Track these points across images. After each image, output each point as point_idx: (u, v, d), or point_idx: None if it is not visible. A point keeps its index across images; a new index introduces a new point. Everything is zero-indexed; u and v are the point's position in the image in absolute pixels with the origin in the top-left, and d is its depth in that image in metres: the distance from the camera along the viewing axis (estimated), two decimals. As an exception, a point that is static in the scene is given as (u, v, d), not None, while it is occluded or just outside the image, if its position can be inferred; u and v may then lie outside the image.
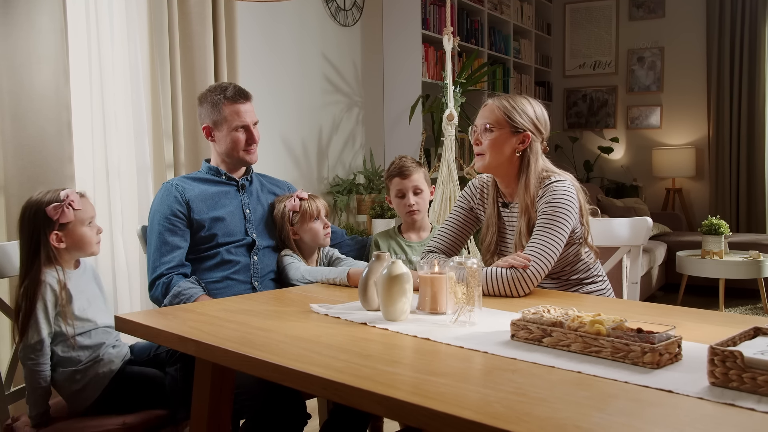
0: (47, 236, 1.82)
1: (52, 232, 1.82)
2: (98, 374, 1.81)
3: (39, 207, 1.83)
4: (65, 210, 1.83)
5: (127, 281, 2.94)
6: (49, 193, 1.86)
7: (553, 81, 7.24)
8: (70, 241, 1.85)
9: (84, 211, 1.88)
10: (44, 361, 1.77)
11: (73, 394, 1.81)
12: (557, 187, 1.90)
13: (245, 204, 2.26)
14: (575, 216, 1.90)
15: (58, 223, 1.83)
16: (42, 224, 1.82)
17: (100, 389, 1.81)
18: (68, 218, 1.84)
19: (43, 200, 1.84)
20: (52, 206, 1.82)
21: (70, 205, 1.84)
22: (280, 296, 1.89)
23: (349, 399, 1.09)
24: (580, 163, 6.99)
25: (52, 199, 1.84)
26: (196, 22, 3.15)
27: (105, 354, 1.85)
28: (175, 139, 3.09)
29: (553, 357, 1.21)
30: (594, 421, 0.91)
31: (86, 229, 1.88)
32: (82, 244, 1.88)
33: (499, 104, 1.98)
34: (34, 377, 1.76)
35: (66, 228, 1.84)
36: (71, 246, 1.86)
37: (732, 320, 1.50)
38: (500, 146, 1.95)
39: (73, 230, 1.85)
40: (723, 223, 4.84)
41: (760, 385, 0.99)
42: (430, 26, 4.98)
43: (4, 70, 2.42)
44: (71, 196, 1.85)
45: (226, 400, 1.64)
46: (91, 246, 1.90)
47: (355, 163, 4.74)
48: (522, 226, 1.94)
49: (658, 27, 6.68)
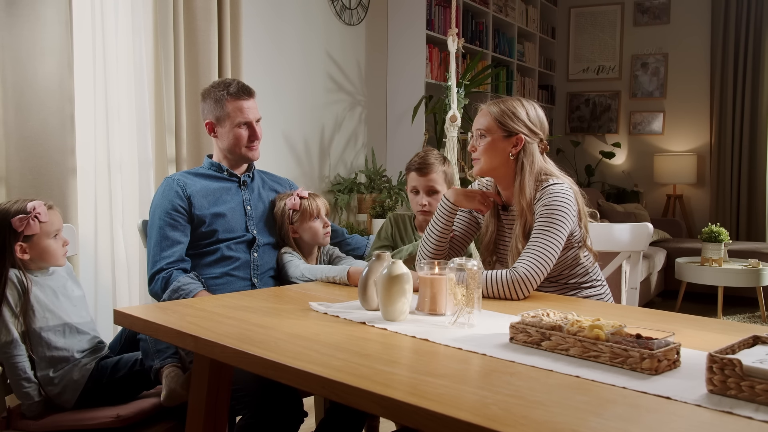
0: (12, 246, 1.82)
1: (17, 243, 1.82)
2: (72, 379, 1.81)
3: (5, 216, 1.82)
4: (30, 222, 1.82)
5: (126, 275, 2.94)
6: (17, 203, 1.85)
7: (556, 85, 7.24)
8: (35, 252, 1.85)
9: (50, 224, 1.87)
10: (19, 353, 1.77)
11: (54, 397, 1.81)
12: (554, 190, 1.89)
13: (246, 200, 2.26)
14: (573, 219, 1.90)
15: (22, 234, 1.82)
16: (8, 234, 1.81)
17: (78, 390, 1.81)
18: (33, 230, 1.83)
19: (10, 210, 1.83)
20: (17, 218, 1.81)
21: (36, 218, 1.83)
22: (280, 294, 1.89)
23: (347, 398, 1.09)
24: (581, 168, 6.99)
25: (18, 210, 1.83)
26: (201, 18, 3.15)
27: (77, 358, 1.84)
28: (178, 134, 3.09)
29: (551, 361, 1.21)
30: (591, 426, 0.92)
31: (51, 241, 1.87)
32: (47, 256, 1.87)
33: (489, 109, 1.98)
34: (14, 370, 1.76)
35: (31, 240, 1.84)
36: (35, 257, 1.85)
37: (731, 328, 1.50)
38: (493, 151, 1.96)
39: (38, 242, 1.85)
40: (723, 231, 4.85)
41: (758, 393, 0.99)
42: (435, 27, 4.98)
43: (8, 61, 2.42)
44: (38, 209, 1.84)
45: (223, 396, 1.64)
46: (57, 258, 1.89)
47: (357, 162, 4.74)
48: (518, 229, 1.94)
49: (663, 33, 6.68)
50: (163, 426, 1.82)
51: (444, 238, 2.06)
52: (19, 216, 1.82)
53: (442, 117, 4.18)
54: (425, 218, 2.26)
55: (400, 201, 4.33)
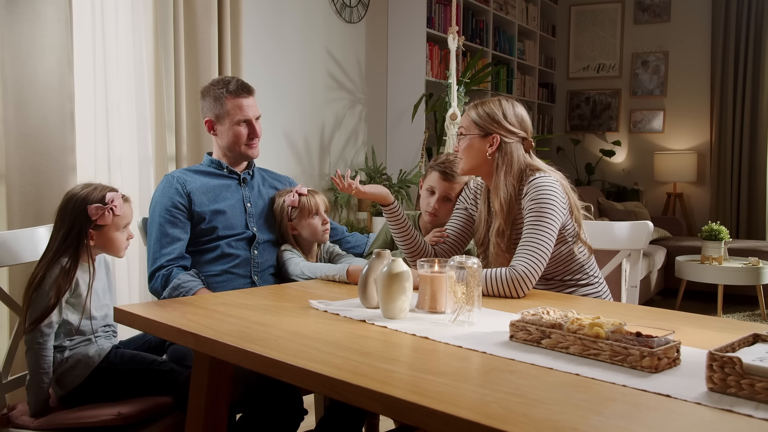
0: (86, 233, 1.84)
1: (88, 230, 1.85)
2: (87, 354, 1.82)
3: (84, 203, 1.84)
4: (106, 213, 1.85)
5: (126, 272, 2.94)
6: (96, 191, 1.87)
7: (556, 83, 7.23)
8: (100, 242, 1.88)
9: (123, 217, 1.89)
10: (50, 346, 1.77)
11: (62, 374, 1.81)
12: (539, 183, 1.91)
13: (246, 198, 2.26)
14: (562, 210, 1.90)
15: (95, 223, 1.85)
16: (84, 220, 1.84)
17: (89, 368, 1.80)
18: (106, 221, 1.86)
19: (89, 198, 1.85)
20: (94, 206, 1.84)
21: (112, 210, 1.86)
22: (280, 291, 1.89)
23: (347, 396, 1.09)
24: (581, 166, 6.99)
25: (96, 199, 1.85)
26: (202, 15, 3.14)
27: (96, 337, 1.86)
28: (178, 132, 3.08)
29: (551, 359, 1.21)
30: (591, 424, 0.92)
31: (119, 234, 1.90)
32: (111, 247, 1.90)
33: (469, 111, 2.04)
34: (39, 361, 1.76)
35: (101, 229, 1.86)
36: (99, 246, 1.89)
37: (731, 326, 1.50)
38: (471, 150, 2.01)
39: (106, 233, 1.87)
40: (723, 229, 4.85)
41: (758, 391, 0.99)
42: (435, 25, 4.98)
43: (8, 59, 2.42)
44: (115, 201, 1.87)
45: (223, 394, 1.64)
46: (119, 251, 1.92)
47: (357, 160, 4.74)
48: (494, 227, 1.97)
49: (664, 31, 6.67)
50: (164, 424, 1.82)
51: (409, 240, 2.11)
52: (96, 205, 1.84)
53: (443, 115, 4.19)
54: (431, 220, 2.27)
55: (400, 199, 4.33)
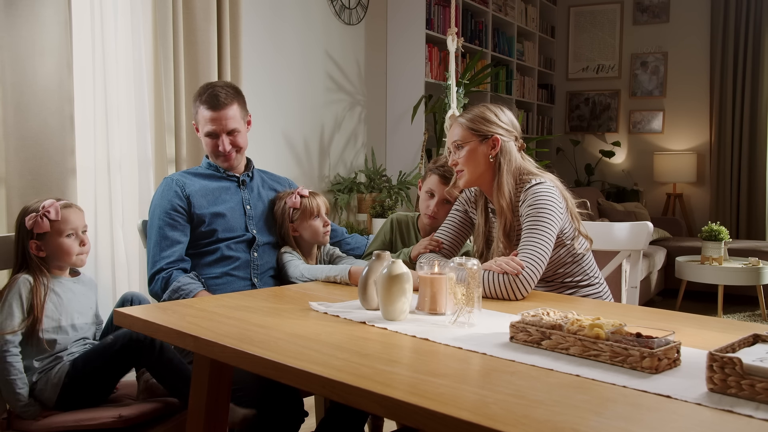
0: (27, 243, 1.86)
1: (31, 240, 1.86)
2: (51, 377, 1.81)
3: (23, 215, 1.88)
4: (38, 220, 1.86)
5: (126, 275, 2.94)
6: (38, 203, 1.89)
7: (556, 84, 7.24)
8: (50, 251, 1.88)
9: (63, 222, 1.89)
10: (15, 352, 1.77)
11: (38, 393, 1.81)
12: (537, 190, 1.92)
13: (246, 200, 2.26)
14: (561, 215, 1.91)
15: (34, 232, 1.86)
16: (24, 232, 1.87)
17: (58, 388, 1.80)
18: (42, 228, 1.86)
19: (28, 210, 1.88)
20: (28, 216, 1.86)
21: (45, 216, 1.86)
22: (280, 293, 1.89)
23: (347, 398, 1.09)
24: (581, 167, 6.99)
25: (33, 209, 1.88)
26: (201, 18, 3.14)
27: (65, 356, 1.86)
28: (177, 134, 3.08)
29: (551, 360, 1.21)
30: (591, 425, 0.91)
31: (64, 240, 1.89)
32: (61, 254, 1.89)
33: (459, 120, 2.04)
34: (7, 368, 1.76)
35: (44, 238, 1.87)
36: (51, 255, 1.89)
37: (731, 327, 1.50)
38: (474, 158, 1.99)
39: (50, 241, 1.88)
40: (723, 230, 4.84)
41: (758, 392, 0.99)
42: (434, 26, 4.98)
43: (7, 61, 2.42)
44: (48, 207, 1.87)
45: (223, 396, 1.64)
46: (70, 257, 1.91)
47: (357, 161, 4.74)
48: (499, 229, 1.97)
49: (663, 32, 6.68)
50: (165, 426, 1.82)
51: None
52: (30, 214, 1.86)
53: (442, 116, 4.19)
54: (430, 223, 2.27)
55: (400, 201, 4.33)
